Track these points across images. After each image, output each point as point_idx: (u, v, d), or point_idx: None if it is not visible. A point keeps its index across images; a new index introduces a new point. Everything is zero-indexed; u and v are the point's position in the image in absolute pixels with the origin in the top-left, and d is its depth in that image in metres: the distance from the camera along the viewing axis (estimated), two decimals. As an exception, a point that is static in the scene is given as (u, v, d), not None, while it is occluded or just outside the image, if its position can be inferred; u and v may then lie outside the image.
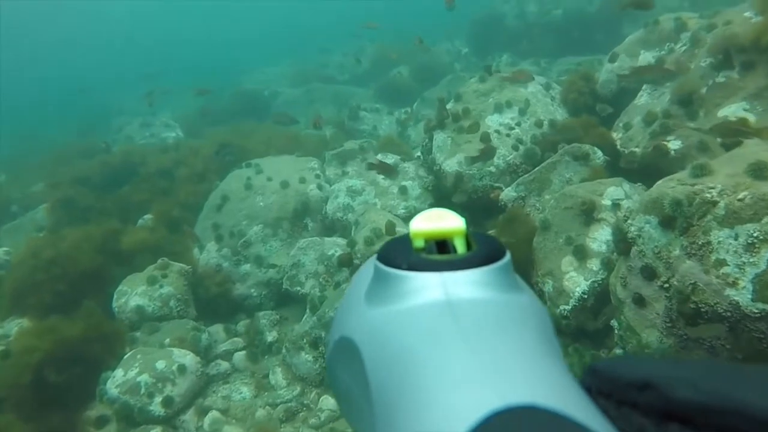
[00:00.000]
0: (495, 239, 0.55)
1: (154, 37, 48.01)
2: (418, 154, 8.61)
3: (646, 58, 7.82)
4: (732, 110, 5.95)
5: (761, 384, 0.37)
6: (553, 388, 0.38)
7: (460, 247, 0.53)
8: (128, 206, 8.74)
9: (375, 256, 0.56)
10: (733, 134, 5.23)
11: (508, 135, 7.16)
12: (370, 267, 0.57)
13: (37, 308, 6.54)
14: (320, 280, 6.94)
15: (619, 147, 6.55)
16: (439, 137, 7.43)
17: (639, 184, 5.91)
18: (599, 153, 6.41)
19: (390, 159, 8.16)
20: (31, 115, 23.05)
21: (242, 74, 21.49)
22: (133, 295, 6.81)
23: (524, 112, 7.38)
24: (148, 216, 8.42)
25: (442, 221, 0.53)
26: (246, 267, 7.56)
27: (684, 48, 7.16)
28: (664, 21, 8.16)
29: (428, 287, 0.48)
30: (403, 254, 0.52)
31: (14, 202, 11.31)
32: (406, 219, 7.30)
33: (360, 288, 0.57)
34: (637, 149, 6.23)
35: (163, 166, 9.65)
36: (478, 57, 16.02)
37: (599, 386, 0.43)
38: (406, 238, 0.55)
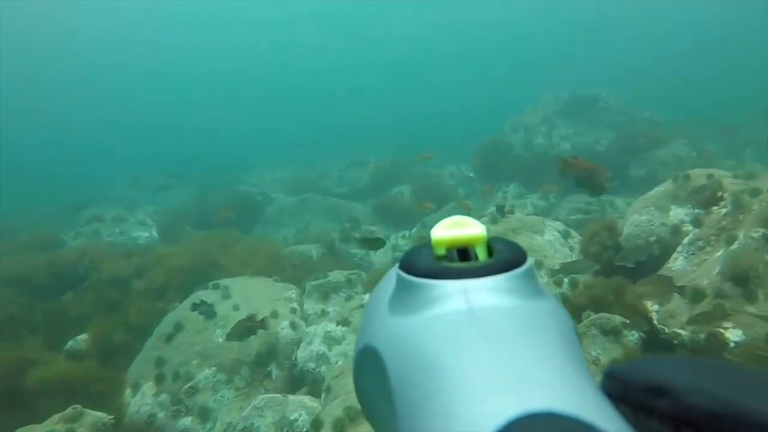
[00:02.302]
0: (516, 245, 0.54)
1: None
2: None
3: (678, 215, 6.92)
4: (798, 297, 4.88)
5: None
6: (574, 395, 0.38)
7: (481, 254, 0.52)
8: (63, 320, 7.37)
9: (397, 264, 0.55)
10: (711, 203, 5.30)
11: (520, 291, 6.03)
12: (392, 276, 0.56)
13: None
14: (276, 455, 5.48)
15: (656, 323, 5.38)
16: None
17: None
18: (633, 329, 5.24)
19: (379, 299, 6.97)
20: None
21: (243, 172, 20.86)
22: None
23: (541, 266, 6.30)
24: (82, 336, 7.03)
25: (464, 228, 0.53)
26: (186, 421, 6.07)
27: (725, 210, 6.26)
28: (695, 177, 7.37)
29: (450, 295, 0.48)
30: (424, 262, 0.52)
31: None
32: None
33: (383, 297, 0.56)
34: (682, 332, 5.07)
35: (120, 274, 8.39)
36: (483, 184, 15.37)
37: (617, 391, 0.42)
38: (428, 246, 0.55)
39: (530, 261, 0.52)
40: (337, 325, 6.85)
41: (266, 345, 6.86)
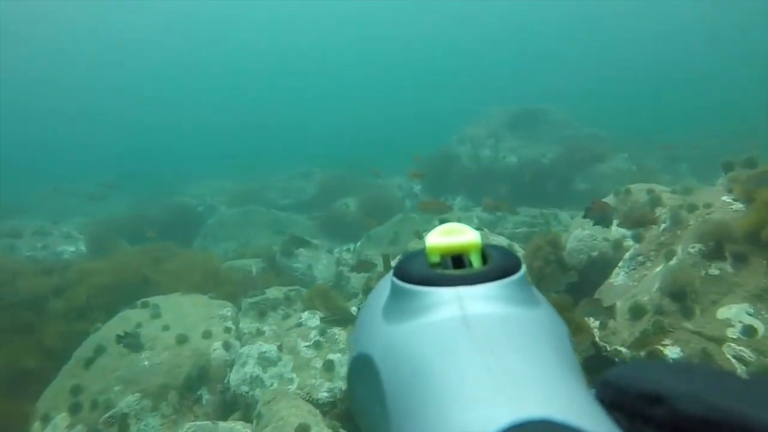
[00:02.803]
0: (511, 253, 0.54)
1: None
2: (355, 308, 7.17)
3: (620, 230, 6.90)
4: (734, 313, 4.89)
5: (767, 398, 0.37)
6: (568, 402, 0.38)
7: (475, 261, 0.52)
8: (-31, 348, 6.70)
9: (391, 271, 0.55)
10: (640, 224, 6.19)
11: (462, 308, 5.83)
12: (386, 283, 0.57)
13: None
14: (201, 487, 5.07)
15: (598, 340, 5.28)
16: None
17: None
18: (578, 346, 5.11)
19: (315, 319, 6.65)
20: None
21: (185, 182, 20.08)
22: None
23: (483, 281, 6.13)
24: (-11, 365, 6.41)
25: (458, 236, 0.53)
26: (103, 456, 5.58)
27: (663, 225, 6.27)
28: (636, 192, 7.41)
29: (444, 302, 0.48)
30: (419, 269, 0.52)
31: None
32: (329, 410, 5.66)
33: (377, 304, 0.56)
34: (623, 349, 4.97)
35: (37, 293, 7.72)
36: (430, 196, 15.26)
37: (612, 398, 0.42)
38: (422, 253, 0.54)
39: (524, 269, 0.52)
40: (274, 343, 6.48)
41: (197, 367, 6.43)
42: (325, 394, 5.77)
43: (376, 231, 11.43)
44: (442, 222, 4.09)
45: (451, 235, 0.53)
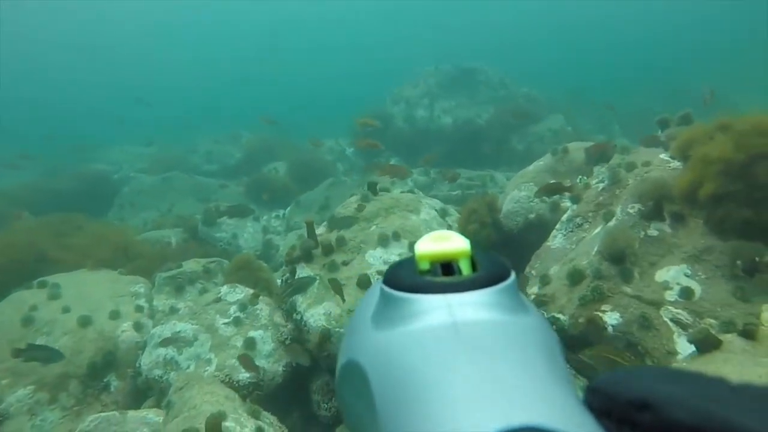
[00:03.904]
0: (500, 259, 0.54)
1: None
2: (280, 279, 6.64)
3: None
4: (672, 275, 4.71)
5: (755, 405, 0.37)
6: (557, 409, 0.38)
7: (465, 268, 0.52)
8: None
9: (380, 279, 0.55)
10: (555, 192, 6.12)
11: (394, 278, 5.42)
12: (376, 290, 0.56)
13: None
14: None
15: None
16: (303, 274, 5.52)
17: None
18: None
19: (238, 293, 6.07)
20: None
21: (101, 148, 18.55)
22: None
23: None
24: None
25: (447, 243, 0.53)
26: (-11, 460, 4.89)
27: (602, 185, 6.03)
28: (573, 150, 7.16)
29: (433, 309, 0.48)
30: (408, 277, 0.52)
31: None
32: (251, 391, 5.16)
33: (366, 311, 0.56)
34: (562, 316, 4.70)
35: None
36: (363, 159, 14.73)
37: (600, 405, 0.42)
38: (412, 261, 0.54)
39: (514, 276, 0.52)
40: (189, 321, 5.88)
41: (102, 352, 5.77)
42: (246, 375, 5.27)
43: (306, 196, 10.86)
44: (369, 186, 3.60)
45: (441, 242, 0.53)
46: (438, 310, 0.47)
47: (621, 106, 16.60)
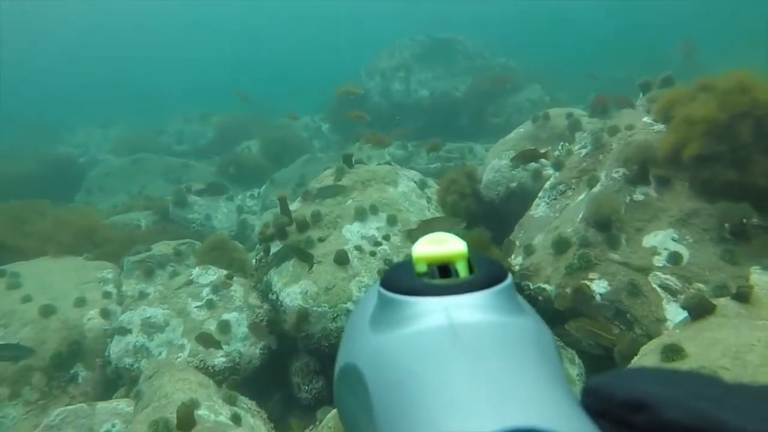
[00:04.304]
0: (497, 262, 0.54)
1: None
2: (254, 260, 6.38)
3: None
4: (659, 240, 4.57)
5: (749, 404, 0.37)
6: (554, 411, 0.38)
7: (462, 270, 0.52)
8: None
9: (378, 281, 0.55)
10: (530, 159, 5.97)
11: (372, 254, 5.20)
12: (373, 293, 0.56)
13: None
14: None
15: (520, 281, 4.82)
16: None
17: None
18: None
19: (211, 275, 5.81)
20: None
21: (67, 130, 17.87)
22: None
23: (394, 221, 5.50)
24: None
25: (445, 245, 0.52)
26: (-54, 461, 4.61)
27: (584, 151, 5.85)
28: (555, 116, 6.96)
29: (431, 312, 0.48)
30: (405, 279, 0.52)
31: None
32: (227, 376, 4.94)
33: (364, 314, 0.55)
34: (548, 287, 4.54)
35: None
36: (339, 134, 14.39)
37: (597, 406, 0.42)
38: (409, 263, 0.54)
39: (510, 278, 0.52)
40: (160, 306, 5.60)
41: (67, 342, 5.48)
42: (222, 359, 5.04)
43: (281, 174, 10.56)
44: (345, 158, 3.34)
45: (438, 244, 0.52)
46: (435, 313, 0.47)
47: (599, 77, 16.45)
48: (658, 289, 4.20)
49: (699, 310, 2.98)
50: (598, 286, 4.29)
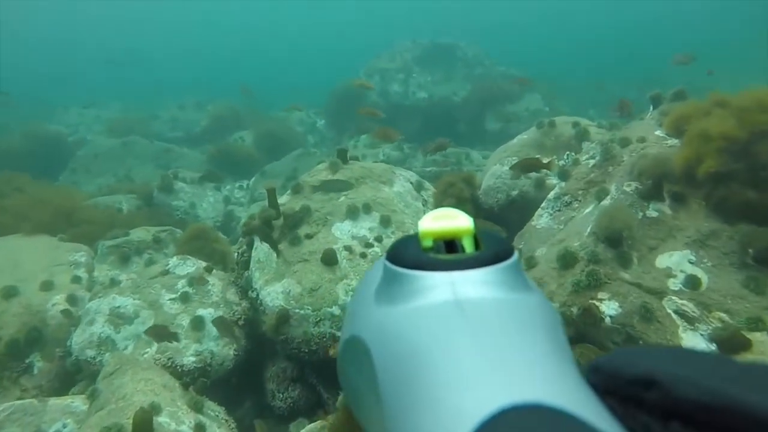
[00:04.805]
0: (503, 239, 0.53)
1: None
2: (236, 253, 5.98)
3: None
4: (675, 261, 4.22)
5: (765, 383, 0.36)
6: (560, 387, 0.38)
7: (468, 246, 0.51)
8: None
9: (384, 255, 0.54)
10: (531, 169, 5.65)
11: (363, 255, 4.83)
12: (379, 267, 0.55)
13: None
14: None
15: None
16: (262, 248, 4.88)
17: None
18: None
19: (189, 266, 5.41)
20: None
21: (60, 109, 17.34)
22: None
23: (388, 222, 5.13)
24: None
25: (451, 220, 0.51)
26: None
27: (593, 161, 5.53)
28: (561, 124, 6.64)
29: (436, 286, 0.47)
30: (411, 254, 0.51)
31: None
32: (196, 377, 4.53)
33: (369, 287, 0.55)
34: (553, 304, 4.17)
35: None
36: (334, 131, 14.02)
37: (604, 383, 0.42)
38: (415, 238, 0.53)
39: (517, 255, 0.51)
40: (131, 295, 5.19)
41: (26, 328, 5.06)
42: (192, 358, 4.65)
43: (272, 166, 10.19)
44: (339, 153, 2.92)
45: (445, 219, 0.51)
46: (441, 287, 0.46)
47: (595, 93, 16.25)
48: (673, 315, 3.86)
49: (731, 346, 2.63)
50: (609, 307, 3.95)
